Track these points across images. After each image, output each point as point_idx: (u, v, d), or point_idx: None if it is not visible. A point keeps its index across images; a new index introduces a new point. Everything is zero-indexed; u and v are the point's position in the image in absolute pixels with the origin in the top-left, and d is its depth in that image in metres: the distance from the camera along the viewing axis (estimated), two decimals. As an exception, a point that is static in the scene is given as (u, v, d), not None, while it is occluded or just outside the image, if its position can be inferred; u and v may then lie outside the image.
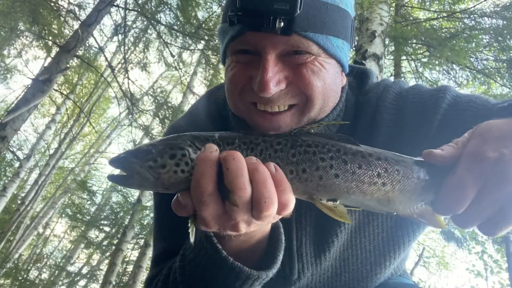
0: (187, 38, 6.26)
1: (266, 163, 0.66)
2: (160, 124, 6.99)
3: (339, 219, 0.67)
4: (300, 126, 0.71)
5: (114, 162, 0.69)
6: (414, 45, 5.43)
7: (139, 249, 9.55)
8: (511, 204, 0.59)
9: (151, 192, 1.19)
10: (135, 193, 8.61)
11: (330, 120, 0.99)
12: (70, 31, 6.46)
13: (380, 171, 0.66)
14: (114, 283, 8.00)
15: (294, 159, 0.67)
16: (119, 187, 9.13)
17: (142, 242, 9.08)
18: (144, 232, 8.44)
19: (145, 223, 8.26)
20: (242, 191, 0.62)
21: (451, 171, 0.63)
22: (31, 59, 12.84)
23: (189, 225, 0.67)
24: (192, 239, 0.69)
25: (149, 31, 7.31)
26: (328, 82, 0.89)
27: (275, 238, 0.85)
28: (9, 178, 8.76)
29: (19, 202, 10.85)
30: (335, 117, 1.01)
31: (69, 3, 6.53)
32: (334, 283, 1.11)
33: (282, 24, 0.78)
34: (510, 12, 4.93)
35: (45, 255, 15.13)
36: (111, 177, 0.69)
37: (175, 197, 0.69)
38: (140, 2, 6.21)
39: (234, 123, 1.02)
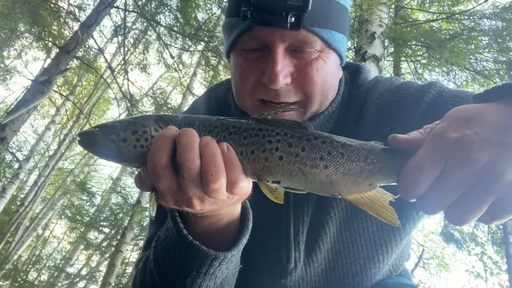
0: (187, 39, 6.26)
1: (220, 143, 0.68)
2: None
3: (275, 200, 0.70)
4: (258, 113, 0.73)
5: (82, 134, 0.72)
6: (413, 46, 5.43)
7: (139, 251, 9.55)
8: (473, 188, 0.56)
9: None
10: (134, 195, 8.60)
11: (330, 112, 1.03)
12: (70, 32, 6.46)
13: (323, 154, 0.67)
14: (113, 284, 7.98)
15: (245, 141, 0.70)
16: (119, 188, 9.14)
17: (141, 243, 9.07)
18: (143, 234, 8.43)
19: (144, 225, 8.24)
20: (190, 163, 0.63)
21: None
22: (30, 60, 12.88)
23: (149, 199, 0.71)
24: (153, 214, 0.72)
25: (149, 32, 7.32)
26: (328, 78, 0.94)
27: (243, 224, 0.87)
28: (8, 180, 8.75)
29: (18, 203, 10.83)
30: (334, 109, 1.04)
31: (69, 4, 6.54)
32: (329, 277, 1.12)
33: (293, 19, 0.82)
34: (509, 14, 4.94)
35: (44, 257, 15.12)
36: (80, 142, 0.72)
37: (137, 172, 0.72)
38: (140, 3, 6.21)
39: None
